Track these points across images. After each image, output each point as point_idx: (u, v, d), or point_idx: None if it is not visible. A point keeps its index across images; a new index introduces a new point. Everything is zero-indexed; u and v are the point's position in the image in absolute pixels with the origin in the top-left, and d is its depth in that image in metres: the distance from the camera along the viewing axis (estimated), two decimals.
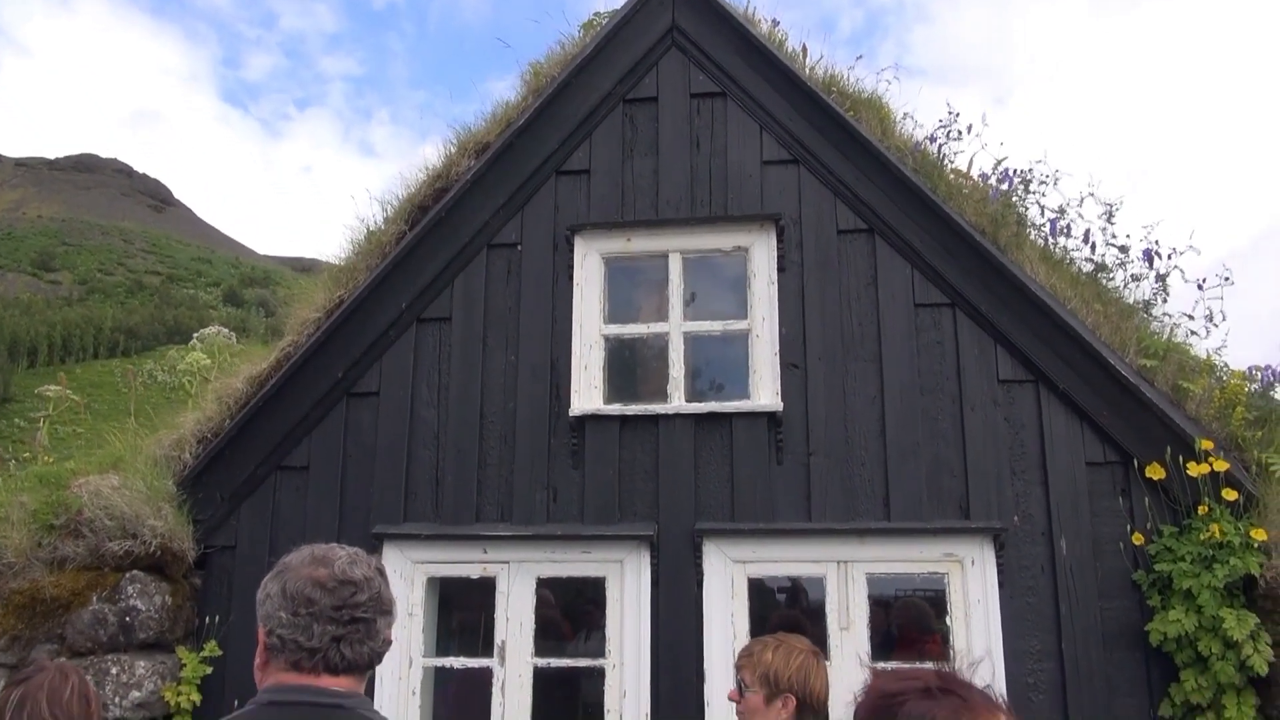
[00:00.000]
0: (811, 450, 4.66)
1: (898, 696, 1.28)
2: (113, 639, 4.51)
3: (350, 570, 1.90)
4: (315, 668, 1.83)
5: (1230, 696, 3.91)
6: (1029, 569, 4.41)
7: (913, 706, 1.25)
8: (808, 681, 2.67)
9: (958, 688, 1.28)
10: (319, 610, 1.83)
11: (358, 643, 1.87)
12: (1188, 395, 4.42)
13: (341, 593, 1.86)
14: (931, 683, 1.28)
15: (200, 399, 5.29)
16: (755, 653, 2.75)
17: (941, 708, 1.24)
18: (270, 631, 1.85)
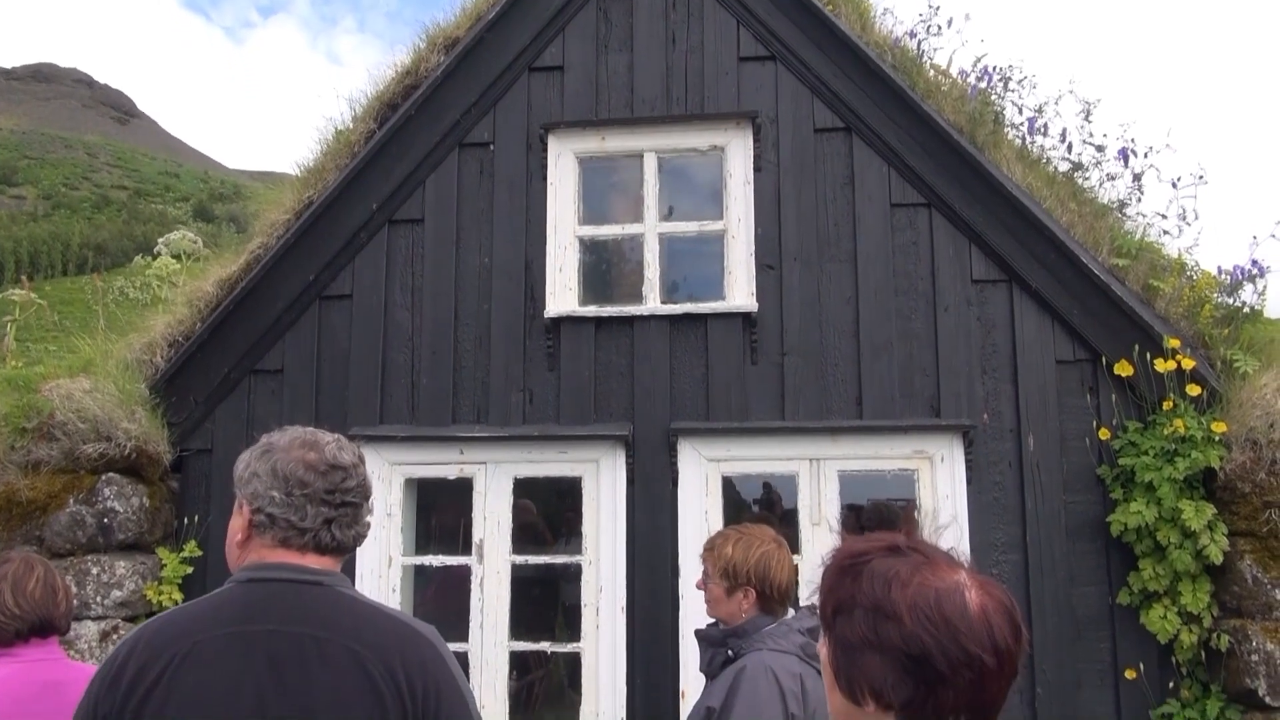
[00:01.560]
0: (786, 350, 4.69)
1: (863, 556, 1.27)
2: (92, 540, 4.53)
3: (340, 455, 1.91)
4: (305, 547, 1.85)
5: (1186, 584, 4.04)
6: (997, 465, 4.50)
7: (877, 564, 1.25)
8: (768, 574, 2.64)
9: (921, 546, 1.28)
10: (312, 493, 1.85)
11: (346, 526, 1.90)
12: (1158, 294, 4.46)
13: (333, 477, 1.88)
14: (898, 542, 1.28)
15: (170, 303, 5.22)
16: (717, 545, 2.74)
17: (904, 563, 1.24)
18: (258, 509, 1.86)
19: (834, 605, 1.26)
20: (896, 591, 1.19)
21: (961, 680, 1.15)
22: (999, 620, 1.19)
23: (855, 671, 1.20)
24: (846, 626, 1.22)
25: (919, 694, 1.16)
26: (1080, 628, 4.32)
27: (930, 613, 1.16)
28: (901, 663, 1.16)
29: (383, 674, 1.74)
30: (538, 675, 5.71)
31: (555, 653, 4.98)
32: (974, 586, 1.21)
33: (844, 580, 1.25)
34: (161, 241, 6.21)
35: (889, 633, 1.17)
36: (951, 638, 1.15)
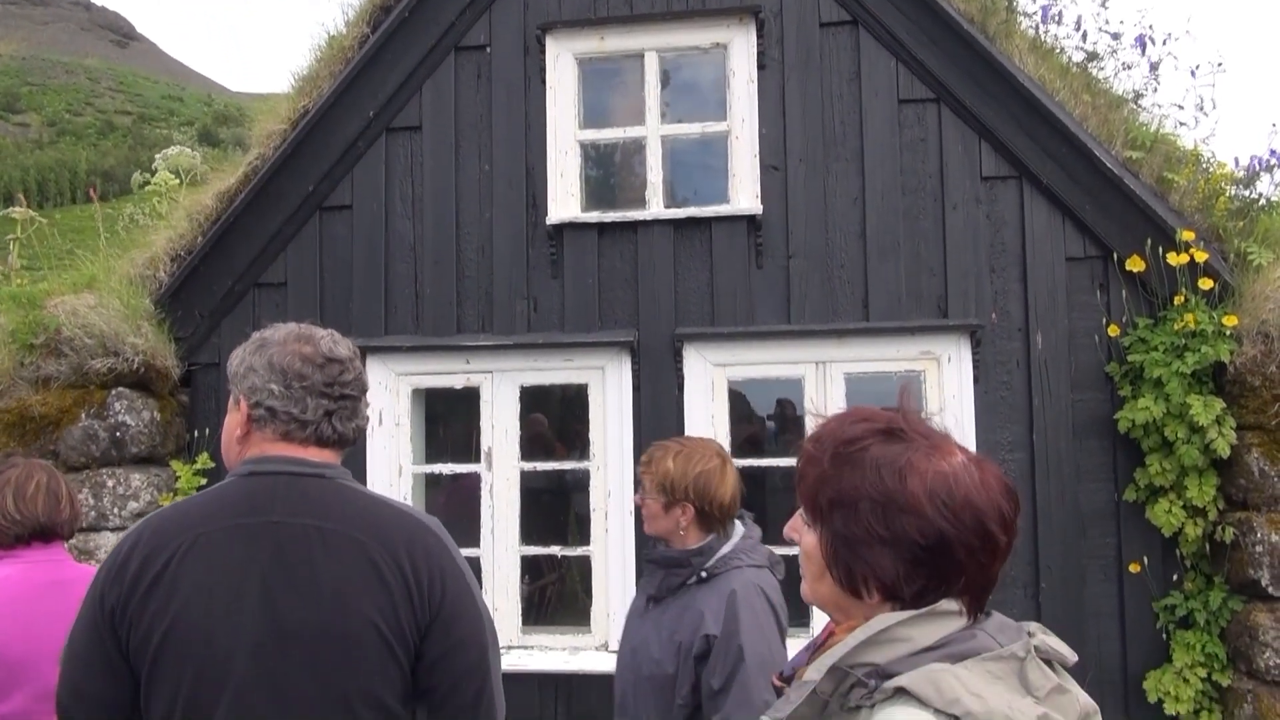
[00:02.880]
0: (791, 253, 4.63)
1: (858, 442, 1.15)
2: (105, 454, 4.59)
3: (335, 349, 1.89)
4: (307, 440, 1.84)
5: (1192, 478, 4.04)
6: (1004, 364, 4.47)
7: (878, 451, 1.14)
8: (707, 490, 2.48)
9: (919, 426, 1.18)
10: (311, 385, 1.83)
11: (346, 418, 1.89)
12: (1172, 187, 4.36)
13: (330, 370, 1.86)
14: (894, 423, 1.17)
15: (170, 218, 5.18)
16: (655, 459, 2.56)
17: (912, 450, 1.13)
18: (257, 404, 1.84)
19: (831, 497, 1.16)
20: (913, 482, 1.11)
21: (975, 564, 1.11)
22: (1005, 498, 1.14)
23: (860, 566, 1.13)
24: (850, 521, 1.13)
25: (932, 583, 1.11)
26: (1085, 524, 4.35)
27: (950, 500, 1.10)
28: (915, 555, 1.10)
29: (387, 562, 1.75)
30: (550, 580, 5.83)
31: (566, 557, 5.06)
32: (974, 466, 1.15)
33: (841, 470, 1.15)
34: (160, 157, 6.13)
35: (904, 526, 1.10)
36: (973, 524, 1.10)
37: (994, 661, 1.07)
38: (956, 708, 1.00)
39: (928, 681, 1.03)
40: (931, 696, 1.02)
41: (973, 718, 1.00)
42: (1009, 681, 1.06)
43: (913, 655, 1.08)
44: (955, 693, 1.01)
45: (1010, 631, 1.14)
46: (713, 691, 2.35)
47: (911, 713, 1.02)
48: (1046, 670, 1.09)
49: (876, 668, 1.08)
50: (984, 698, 1.01)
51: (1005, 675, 1.06)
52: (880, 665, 1.08)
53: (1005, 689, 1.04)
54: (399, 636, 1.74)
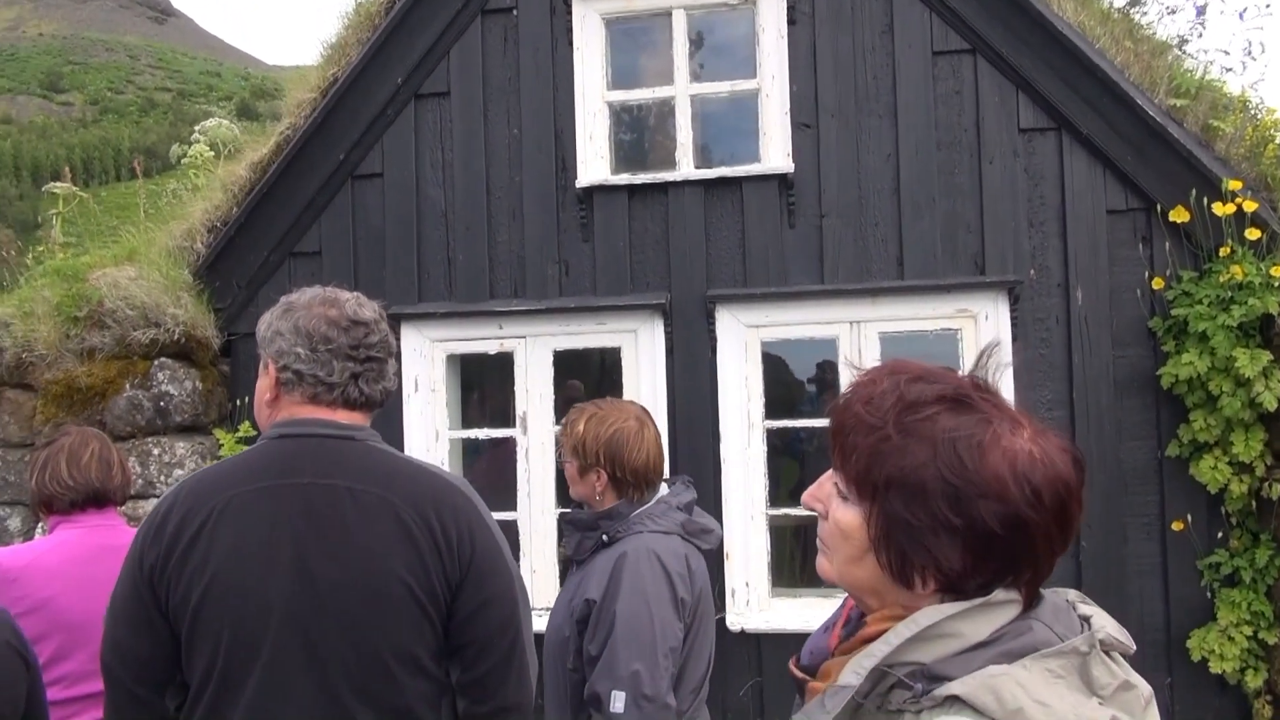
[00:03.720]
0: (824, 212, 4.57)
1: (923, 409, 0.99)
2: (150, 423, 4.69)
3: (360, 311, 1.91)
4: (335, 402, 1.86)
5: (1238, 433, 3.95)
6: (1043, 321, 4.39)
7: (948, 422, 0.98)
8: (620, 454, 2.35)
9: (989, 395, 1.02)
10: (337, 348, 1.85)
11: (373, 380, 1.90)
12: (1218, 135, 4.23)
13: (355, 332, 1.87)
14: (961, 388, 1.01)
15: (207, 189, 5.24)
16: (570, 422, 2.46)
17: (988, 424, 0.98)
18: (284, 367, 1.86)
19: (891, 474, 0.99)
20: (995, 461, 0.96)
21: (1049, 551, 0.98)
22: (1077, 471, 1.01)
23: (920, 555, 0.98)
24: (914, 504, 0.97)
25: (999, 575, 0.98)
26: (1127, 482, 4.28)
27: (1035, 484, 0.96)
28: (990, 545, 0.96)
29: (416, 521, 1.77)
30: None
31: None
32: (1041, 436, 1.02)
33: (906, 443, 0.98)
34: (198, 129, 6.20)
35: (981, 512, 0.95)
36: (1055, 506, 0.97)
37: (1055, 658, 0.95)
38: (1020, 719, 0.89)
39: (986, 689, 0.90)
40: (991, 707, 0.89)
41: None
42: (1070, 680, 0.94)
43: (964, 653, 0.96)
44: (1018, 701, 0.89)
45: (1065, 617, 1.01)
46: (590, 658, 2.25)
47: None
48: (1111, 665, 0.97)
49: (922, 667, 0.96)
50: (1049, 705, 0.89)
51: (1067, 673, 0.94)
52: (926, 665, 0.96)
53: (1067, 689, 0.93)
54: (430, 594, 1.77)
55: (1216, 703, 4.16)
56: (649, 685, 2.16)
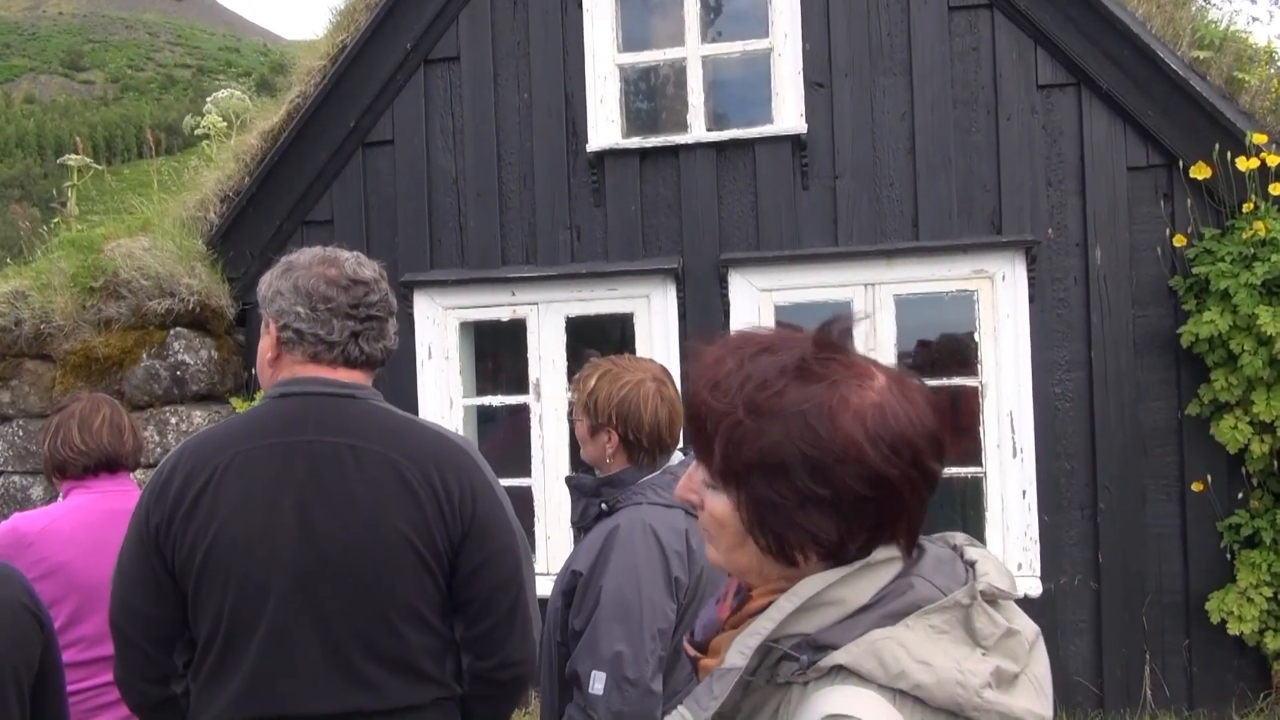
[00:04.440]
0: (838, 173, 4.51)
1: (772, 385, 0.95)
2: (167, 392, 4.73)
3: (360, 270, 1.90)
4: (335, 361, 1.86)
5: (1260, 392, 3.89)
6: (1061, 281, 4.32)
7: (796, 394, 0.94)
8: (632, 414, 2.17)
9: (833, 347, 0.99)
10: (336, 307, 1.85)
11: (373, 339, 1.90)
12: (1243, 87, 4.12)
13: (355, 291, 1.87)
14: (807, 356, 0.96)
15: (220, 159, 5.25)
16: (583, 377, 2.30)
17: (836, 386, 0.94)
18: (285, 326, 1.86)
19: (747, 460, 0.96)
20: (847, 423, 0.93)
21: (918, 501, 0.96)
22: (936, 417, 0.98)
23: (795, 533, 0.95)
24: (778, 484, 0.94)
25: (874, 536, 0.96)
26: (1146, 443, 4.22)
27: (891, 439, 0.93)
28: (860, 508, 0.94)
29: (418, 478, 1.77)
30: None
31: None
32: (895, 384, 0.98)
33: (759, 424, 0.95)
34: (210, 100, 6.20)
35: (845, 478, 0.92)
36: (912, 460, 0.94)
37: (937, 614, 0.94)
38: (904, 682, 0.89)
39: (869, 655, 0.90)
40: (875, 672, 0.89)
41: (923, 690, 0.88)
42: (954, 634, 0.93)
43: (847, 619, 0.95)
44: (900, 664, 0.89)
45: (947, 568, 0.99)
46: (574, 633, 2.12)
47: (854, 693, 0.89)
48: (993, 614, 0.95)
49: (807, 638, 0.95)
50: (932, 665, 0.89)
51: (950, 627, 0.93)
52: (811, 635, 0.95)
53: (951, 643, 0.92)
54: (432, 550, 1.77)
55: (1235, 664, 4.13)
56: (632, 668, 2.02)
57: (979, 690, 0.89)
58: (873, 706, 0.88)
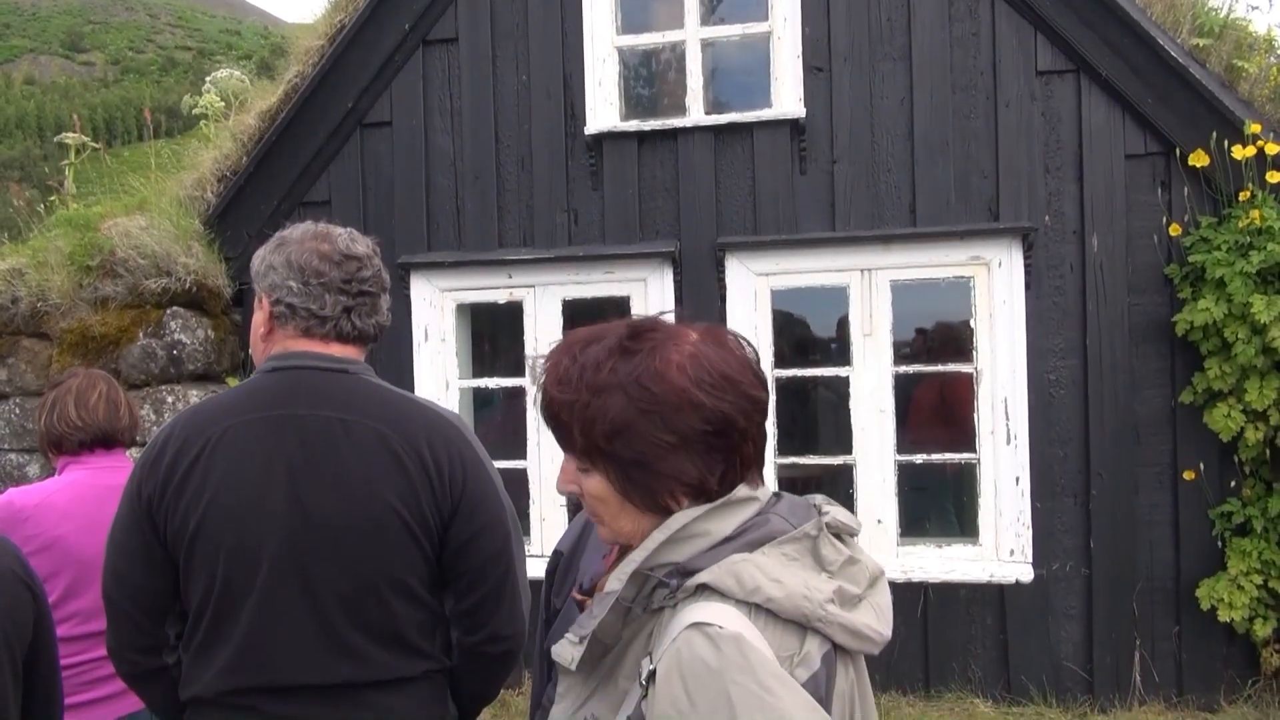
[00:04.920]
0: (836, 158, 4.51)
1: (603, 366, 1.09)
2: (164, 371, 4.74)
3: (353, 246, 1.90)
4: (327, 335, 1.87)
5: (1253, 380, 3.89)
6: (1057, 268, 4.32)
7: (626, 367, 1.08)
8: None
9: (644, 326, 1.12)
10: (329, 281, 1.85)
11: (366, 314, 1.90)
12: (1241, 75, 4.12)
13: (348, 267, 1.87)
14: (622, 338, 1.10)
15: (217, 139, 5.24)
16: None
17: (657, 351, 1.08)
18: (278, 301, 1.87)
19: (602, 432, 1.08)
20: (673, 376, 1.06)
21: (755, 428, 1.10)
22: (747, 355, 1.13)
23: (660, 481, 1.09)
24: (634, 442, 1.07)
25: (729, 466, 1.09)
26: (1140, 431, 4.24)
27: (714, 379, 1.07)
28: (708, 444, 1.07)
29: (408, 452, 1.78)
30: None
31: None
32: (708, 336, 1.12)
33: (601, 400, 1.07)
34: (209, 80, 6.18)
35: (688, 422, 1.06)
36: (740, 393, 1.08)
37: (789, 544, 1.07)
38: (758, 596, 1.00)
39: (728, 574, 1.02)
40: (733, 588, 1.01)
41: (774, 603, 1.00)
42: (804, 561, 1.07)
43: (713, 549, 1.07)
44: (755, 581, 1.01)
45: (800, 511, 1.13)
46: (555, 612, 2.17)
47: (715, 607, 1.01)
48: (838, 544, 1.10)
49: (677, 566, 1.07)
50: (783, 582, 1.02)
51: (801, 555, 1.07)
52: (681, 563, 1.07)
53: (801, 568, 1.05)
54: (421, 523, 1.78)
55: (1224, 651, 4.15)
56: None
57: (823, 604, 1.02)
58: (729, 616, 0.99)
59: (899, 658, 4.40)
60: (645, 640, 1.09)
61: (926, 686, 4.39)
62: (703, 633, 0.97)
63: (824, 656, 1.02)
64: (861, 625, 1.05)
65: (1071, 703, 4.25)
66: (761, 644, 0.98)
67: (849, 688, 1.06)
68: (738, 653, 0.95)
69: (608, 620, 1.09)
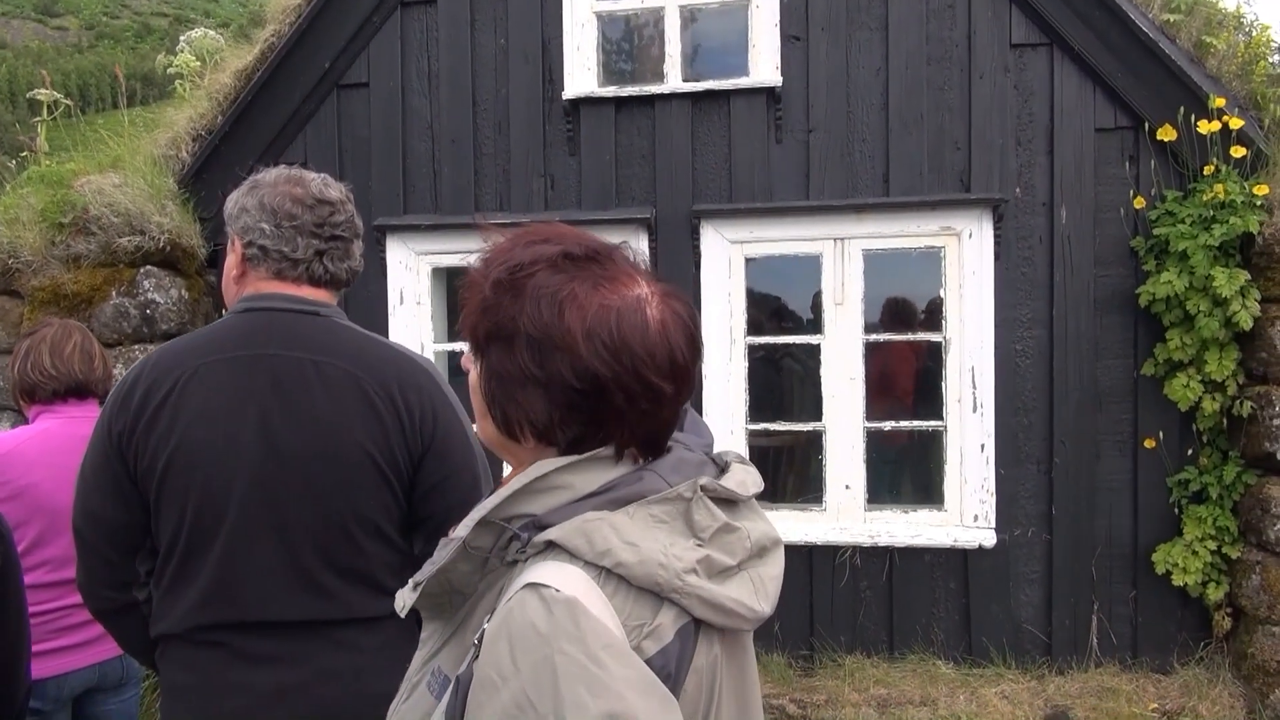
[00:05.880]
0: (811, 127, 4.54)
1: (525, 268, 1.00)
2: (137, 330, 4.72)
3: (325, 191, 1.92)
4: (299, 278, 1.88)
5: (1212, 351, 3.98)
6: (1026, 240, 4.39)
7: (544, 279, 1.00)
8: None
9: (599, 253, 1.04)
10: (301, 225, 1.87)
11: (338, 259, 1.92)
12: (1210, 51, 4.18)
13: (320, 211, 1.89)
14: (570, 248, 1.03)
15: (192, 98, 5.19)
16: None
17: (579, 280, 1.00)
18: (250, 243, 1.88)
19: (488, 329, 1.02)
20: (570, 316, 0.98)
21: (636, 411, 1.00)
22: (679, 338, 1.02)
23: (514, 407, 1.02)
24: (504, 357, 1.01)
25: (589, 430, 1.01)
26: (1102, 400, 4.32)
27: (609, 340, 0.97)
28: (571, 399, 0.98)
29: (380, 394, 1.80)
30: None
31: None
32: (655, 300, 1.02)
33: (502, 298, 1.01)
34: (184, 39, 6.11)
35: (558, 366, 0.98)
36: (630, 367, 0.98)
37: (660, 504, 0.99)
38: (608, 559, 0.92)
39: (578, 532, 0.94)
40: (582, 549, 0.93)
41: (624, 569, 0.92)
42: (674, 525, 0.98)
43: (573, 503, 0.99)
44: (607, 543, 0.93)
45: (686, 470, 1.04)
46: None
47: (560, 568, 0.93)
48: (714, 510, 1.00)
49: (534, 519, 0.99)
50: (638, 546, 0.93)
51: (670, 518, 0.98)
52: (538, 516, 0.99)
53: (667, 533, 0.97)
54: (392, 465, 1.81)
55: (1178, 614, 4.27)
56: None
57: (680, 573, 0.93)
58: (570, 578, 0.91)
59: (865, 621, 4.49)
60: (496, 595, 1.01)
61: (891, 649, 4.48)
62: (537, 594, 0.90)
63: (680, 630, 0.94)
64: (726, 599, 0.96)
65: (1030, 664, 4.36)
66: (604, 611, 0.91)
67: (710, 664, 0.98)
68: (569, 619, 0.88)
69: (463, 569, 1.02)
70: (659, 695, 0.88)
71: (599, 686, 0.84)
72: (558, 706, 0.84)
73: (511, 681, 0.87)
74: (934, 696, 4.17)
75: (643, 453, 1.04)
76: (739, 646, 1.05)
